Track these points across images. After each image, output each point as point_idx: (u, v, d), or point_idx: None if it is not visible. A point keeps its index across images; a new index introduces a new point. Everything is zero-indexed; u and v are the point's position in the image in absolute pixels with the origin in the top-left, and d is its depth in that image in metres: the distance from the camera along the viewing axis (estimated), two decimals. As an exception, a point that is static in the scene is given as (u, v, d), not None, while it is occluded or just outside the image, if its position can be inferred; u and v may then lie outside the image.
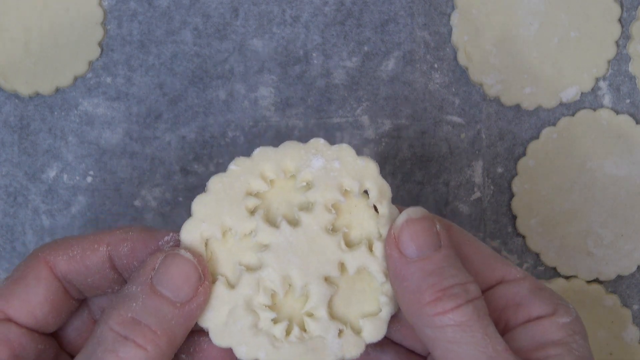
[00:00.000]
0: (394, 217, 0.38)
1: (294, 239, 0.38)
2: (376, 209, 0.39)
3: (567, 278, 0.55)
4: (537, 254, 0.55)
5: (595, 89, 0.54)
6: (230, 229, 0.38)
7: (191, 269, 0.36)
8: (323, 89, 0.54)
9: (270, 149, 0.39)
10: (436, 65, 0.54)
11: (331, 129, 0.54)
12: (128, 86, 0.53)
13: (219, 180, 0.38)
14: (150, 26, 0.53)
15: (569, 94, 0.54)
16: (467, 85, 0.54)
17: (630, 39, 0.54)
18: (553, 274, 0.55)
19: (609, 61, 0.54)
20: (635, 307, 0.56)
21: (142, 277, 0.36)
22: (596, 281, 0.55)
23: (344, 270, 0.38)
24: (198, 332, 0.39)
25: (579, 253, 0.54)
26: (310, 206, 0.38)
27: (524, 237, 0.55)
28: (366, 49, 0.54)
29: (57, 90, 0.53)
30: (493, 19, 0.53)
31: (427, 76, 0.54)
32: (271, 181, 0.39)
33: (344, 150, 0.39)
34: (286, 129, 0.54)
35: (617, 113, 0.54)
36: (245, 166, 0.38)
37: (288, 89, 0.54)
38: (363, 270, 0.38)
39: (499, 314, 0.38)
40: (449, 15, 0.54)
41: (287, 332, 0.38)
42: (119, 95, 0.53)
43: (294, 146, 0.39)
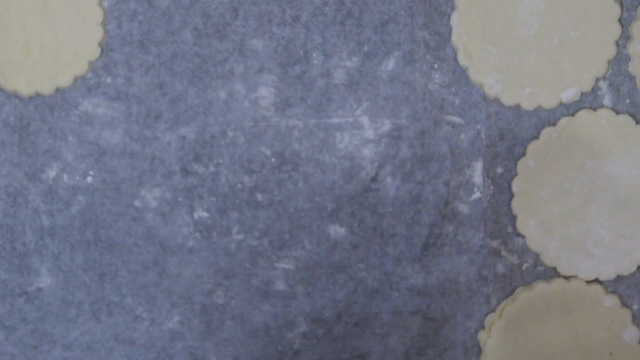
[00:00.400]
0: None
1: None
2: None
3: (567, 278, 0.55)
4: (537, 254, 0.55)
5: (595, 89, 0.54)
6: None
7: None
8: (323, 89, 0.54)
9: None
10: (436, 65, 0.54)
11: (331, 129, 0.54)
12: (128, 86, 0.53)
13: None
14: (150, 26, 0.53)
15: (569, 94, 0.54)
16: (467, 85, 0.54)
17: (630, 39, 0.54)
18: (553, 274, 0.55)
19: (609, 61, 0.54)
20: (635, 307, 0.56)
21: None
22: (596, 281, 0.55)
23: None
24: None
25: (579, 253, 0.54)
26: None
27: (524, 237, 0.55)
28: (366, 49, 0.54)
29: (57, 90, 0.53)
30: (493, 19, 0.53)
31: (427, 76, 0.54)
32: None
33: None
34: (286, 129, 0.54)
35: (617, 113, 0.54)
36: None
37: (288, 89, 0.54)
38: None
39: None
40: (449, 15, 0.54)
41: None
42: (119, 95, 0.53)
43: None
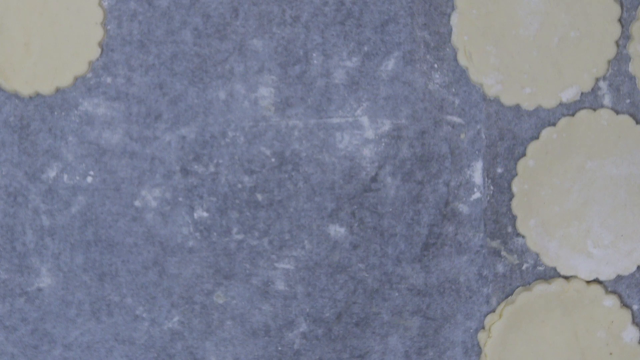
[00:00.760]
0: None
1: None
2: None
3: (567, 278, 0.55)
4: (537, 254, 0.55)
5: (595, 89, 0.54)
6: None
7: None
8: (323, 89, 0.54)
9: None
10: (436, 65, 0.54)
11: (331, 129, 0.54)
12: (128, 86, 0.53)
13: None
14: (150, 26, 0.53)
15: (569, 94, 0.54)
16: (467, 85, 0.54)
17: (630, 39, 0.54)
18: (553, 273, 0.55)
19: (609, 61, 0.54)
20: (635, 307, 0.56)
21: None
22: (596, 281, 0.55)
23: None
24: None
25: (579, 253, 0.54)
26: None
27: (524, 237, 0.55)
28: (366, 49, 0.54)
29: (57, 90, 0.53)
30: (493, 19, 0.53)
31: (427, 76, 0.54)
32: None
33: None
34: (286, 128, 0.54)
35: (617, 113, 0.54)
36: None
37: (288, 89, 0.54)
38: None
39: None
40: (449, 15, 0.54)
41: None
42: (119, 95, 0.53)
43: None
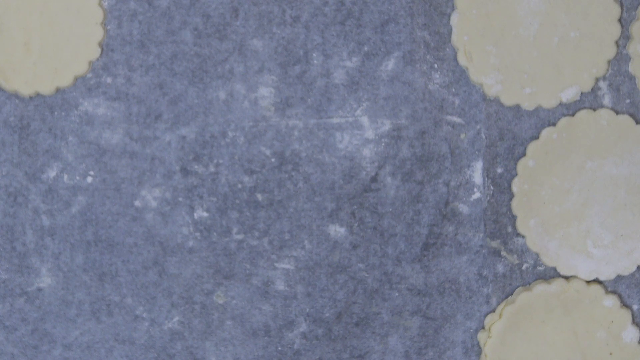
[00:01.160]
0: None
1: None
2: None
3: (567, 278, 0.55)
4: (537, 254, 0.55)
5: (595, 89, 0.54)
6: None
7: None
8: (323, 89, 0.54)
9: None
10: (436, 65, 0.54)
11: (331, 129, 0.54)
12: (128, 86, 0.53)
13: None
14: (150, 26, 0.53)
15: (569, 94, 0.54)
16: (467, 85, 0.54)
17: (630, 39, 0.54)
18: (553, 273, 0.55)
19: (609, 61, 0.54)
20: (635, 307, 0.56)
21: None
22: (596, 281, 0.55)
23: None
24: None
25: (578, 253, 0.54)
26: None
27: (523, 237, 0.55)
28: (366, 49, 0.54)
29: (57, 90, 0.53)
30: (493, 19, 0.53)
31: (427, 76, 0.54)
32: None
33: None
34: (286, 128, 0.54)
35: (617, 113, 0.54)
36: None
37: (288, 89, 0.54)
38: None
39: None
40: (449, 15, 0.54)
41: None
42: (119, 95, 0.53)
43: None
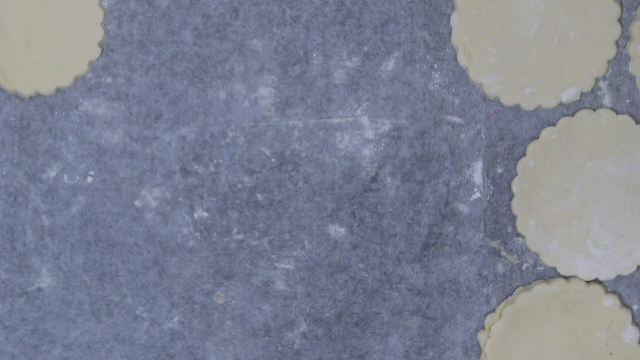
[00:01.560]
0: None
1: None
2: None
3: (567, 278, 0.55)
4: (537, 254, 0.55)
5: (595, 89, 0.54)
6: None
7: None
8: (323, 89, 0.54)
9: None
10: (436, 65, 0.54)
11: (331, 129, 0.54)
12: (128, 86, 0.53)
13: None
14: (150, 26, 0.53)
15: (569, 94, 0.54)
16: (467, 85, 0.54)
17: (630, 39, 0.54)
18: (553, 273, 0.55)
19: (609, 61, 0.54)
20: (635, 307, 0.56)
21: None
22: (596, 281, 0.55)
23: None
24: None
25: (578, 253, 0.54)
26: None
27: (523, 237, 0.55)
28: (366, 49, 0.54)
29: (57, 90, 0.53)
30: (493, 19, 0.53)
31: (427, 76, 0.54)
32: None
33: None
34: (286, 128, 0.54)
35: (617, 113, 0.54)
36: None
37: (288, 89, 0.54)
38: None
39: None
40: (449, 15, 0.54)
41: None
42: (119, 95, 0.53)
43: None
